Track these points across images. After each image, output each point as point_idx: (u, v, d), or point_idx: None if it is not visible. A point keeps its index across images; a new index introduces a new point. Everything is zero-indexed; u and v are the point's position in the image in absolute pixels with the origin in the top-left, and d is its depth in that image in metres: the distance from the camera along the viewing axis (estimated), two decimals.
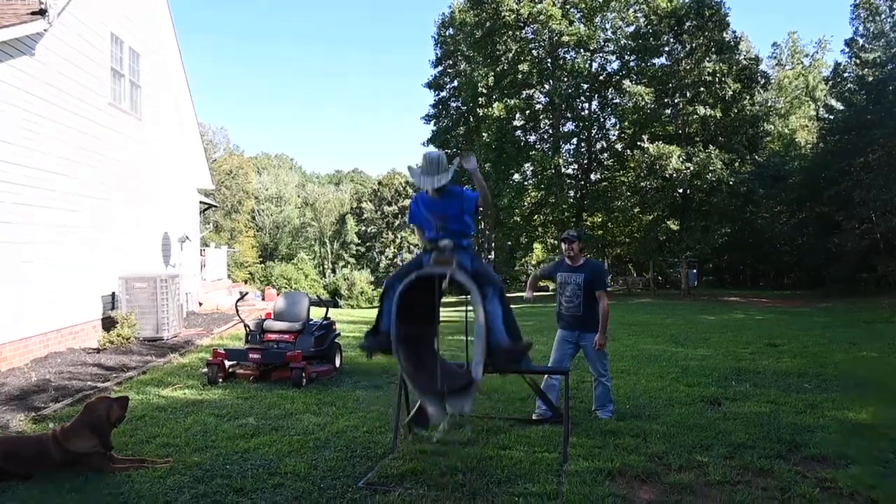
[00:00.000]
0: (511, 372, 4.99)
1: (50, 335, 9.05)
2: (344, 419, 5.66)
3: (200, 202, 18.36)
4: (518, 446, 4.85)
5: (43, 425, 5.42)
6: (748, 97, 28.54)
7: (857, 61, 27.29)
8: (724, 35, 28.13)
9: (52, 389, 6.79)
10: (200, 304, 16.48)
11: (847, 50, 28.61)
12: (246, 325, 8.18)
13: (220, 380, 7.30)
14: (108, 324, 10.40)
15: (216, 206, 27.91)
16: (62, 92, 9.42)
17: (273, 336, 7.85)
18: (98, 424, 4.32)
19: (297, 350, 7.44)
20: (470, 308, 4.19)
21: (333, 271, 58.35)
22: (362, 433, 5.21)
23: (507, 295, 4.40)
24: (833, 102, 30.90)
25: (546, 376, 5.76)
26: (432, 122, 38.45)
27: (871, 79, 25.75)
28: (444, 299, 4.71)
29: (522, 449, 4.78)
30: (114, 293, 10.76)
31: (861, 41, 27.75)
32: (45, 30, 8.59)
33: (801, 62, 41.13)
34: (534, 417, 5.63)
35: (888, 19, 27.01)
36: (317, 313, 8.68)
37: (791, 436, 5.07)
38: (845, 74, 28.88)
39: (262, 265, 51.67)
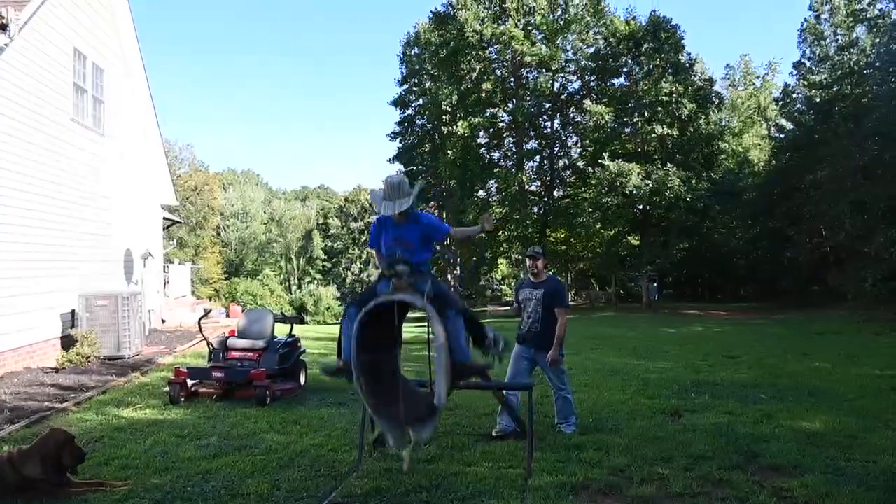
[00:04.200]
0: (475, 388, 5.09)
1: (6, 354, 8.78)
2: (308, 438, 5.62)
3: (164, 218, 18.05)
4: (482, 462, 4.87)
5: None
6: (703, 116, 29.41)
7: (805, 83, 28.42)
8: (680, 57, 29.03)
9: (7, 411, 6.57)
10: (163, 321, 16.15)
11: (795, 72, 29.84)
12: (209, 343, 8.06)
13: (183, 399, 7.16)
14: (68, 342, 10.12)
15: (180, 223, 27.44)
16: (23, 107, 9.24)
17: (237, 354, 7.74)
18: (50, 457, 4.20)
19: (261, 368, 7.35)
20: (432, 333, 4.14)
21: (299, 287, 57.66)
22: (327, 452, 5.18)
23: (472, 310, 4.46)
24: (783, 122, 32.08)
25: (504, 391, 5.83)
26: (398, 140, 38.62)
27: (818, 100, 26.86)
28: (408, 314, 4.74)
29: (487, 465, 4.80)
30: (73, 311, 10.50)
31: (808, 64, 28.95)
32: (5, 45, 8.45)
33: (753, 83, 42.51)
34: (494, 434, 5.63)
35: (833, 44, 28.26)
36: (283, 330, 8.60)
37: (748, 446, 5.21)
38: (794, 95, 30.08)
39: (228, 281, 50.79)
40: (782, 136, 31.77)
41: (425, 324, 4.37)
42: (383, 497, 4.14)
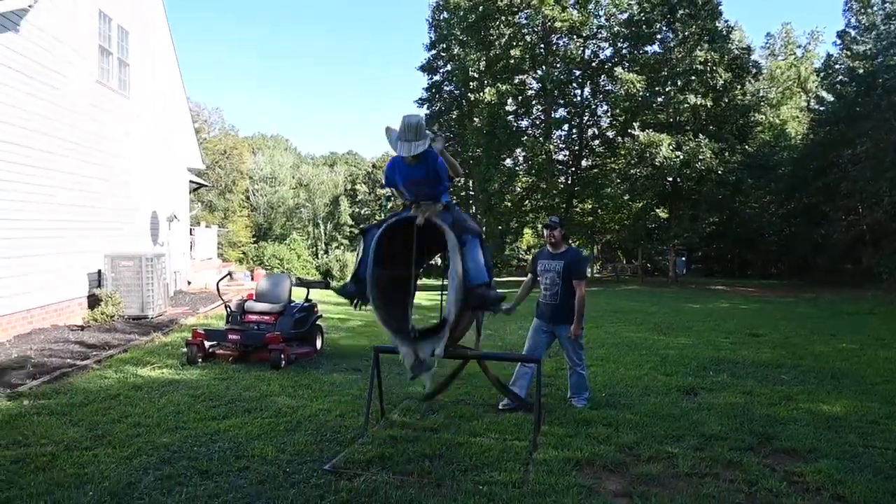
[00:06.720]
0: (488, 358, 5.07)
1: (34, 312, 9.02)
2: (318, 402, 5.66)
3: (191, 181, 18.22)
4: (489, 433, 4.85)
5: (17, 402, 5.39)
6: (739, 87, 28.51)
7: (849, 53, 27.26)
8: (717, 24, 28.00)
9: (30, 366, 6.75)
10: (189, 283, 16.42)
11: (839, 42, 28.58)
12: (227, 306, 8.15)
13: (200, 360, 7.30)
14: (93, 301, 10.37)
15: (208, 186, 27.68)
16: (48, 69, 9.30)
17: (254, 317, 7.83)
18: None
19: (276, 332, 7.44)
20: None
21: (326, 252, 58.15)
22: (334, 417, 5.21)
23: (497, 279, 4.43)
24: (824, 94, 30.91)
25: (519, 363, 5.77)
26: (425, 106, 38.18)
27: (861, 71, 25.74)
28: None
29: (493, 436, 4.78)
30: (100, 271, 10.71)
31: (853, 33, 27.70)
32: (29, 6, 8.46)
33: (794, 53, 41.07)
34: (501, 406, 5.60)
35: (880, 12, 26.95)
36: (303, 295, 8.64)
37: (763, 428, 5.10)
38: (836, 66, 28.85)
39: (256, 245, 51.42)
40: (822, 108, 30.65)
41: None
42: (386, 464, 4.14)
